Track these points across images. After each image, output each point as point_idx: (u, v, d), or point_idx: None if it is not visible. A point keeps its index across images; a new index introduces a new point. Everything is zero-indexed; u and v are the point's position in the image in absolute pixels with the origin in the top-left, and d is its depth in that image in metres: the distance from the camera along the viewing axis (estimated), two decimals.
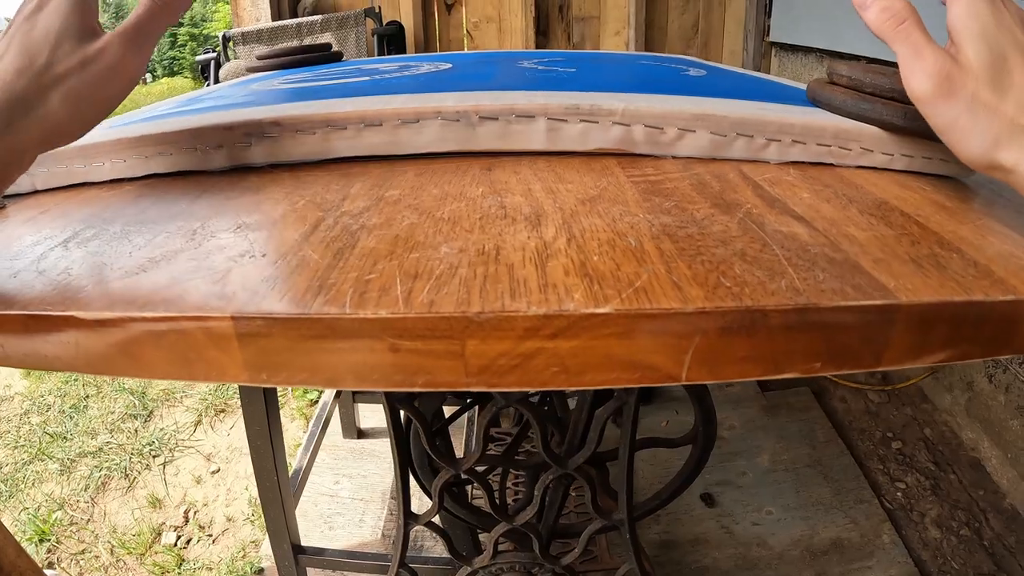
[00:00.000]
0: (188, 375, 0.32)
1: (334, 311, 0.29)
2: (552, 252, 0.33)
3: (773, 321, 0.30)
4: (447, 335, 0.28)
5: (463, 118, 0.51)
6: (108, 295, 0.34)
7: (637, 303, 0.29)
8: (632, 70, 0.87)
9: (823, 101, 0.58)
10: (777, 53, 2.77)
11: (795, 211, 0.41)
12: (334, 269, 0.33)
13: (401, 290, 0.30)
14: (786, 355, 0.31)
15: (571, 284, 0.30)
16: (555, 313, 0.28)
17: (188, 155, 0.56)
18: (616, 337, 0.28)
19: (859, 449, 1.83)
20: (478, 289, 0.30)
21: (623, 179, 0.46)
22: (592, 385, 0.29)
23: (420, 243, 0.35)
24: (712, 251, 0.34)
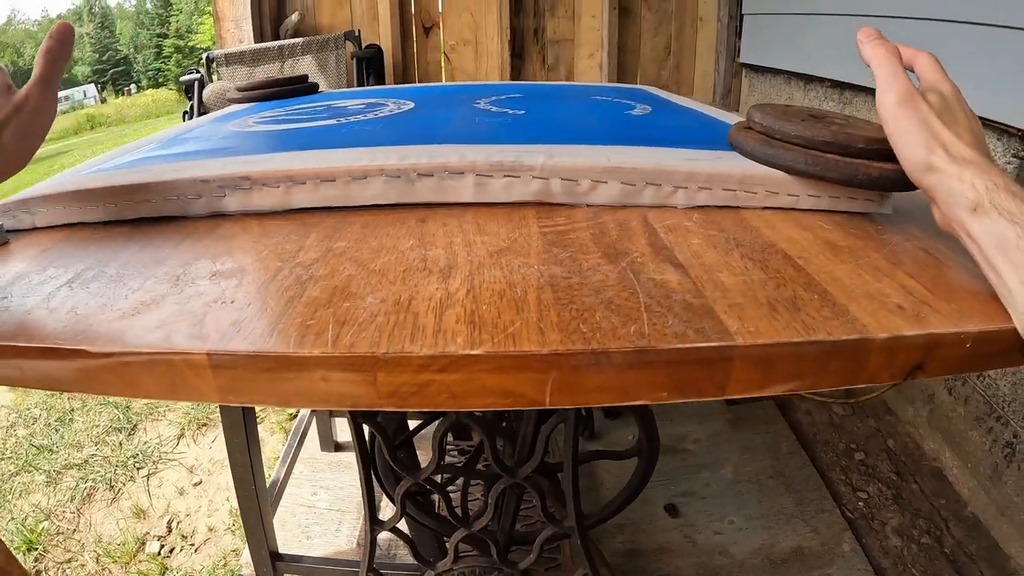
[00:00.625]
0: (173, 396, 0.41)
1: (282, 350, 0.38)
2: (452, 302, 0.42)
3: (616, 360, 0.37)
4: (361, 369, 0.37)
5: (403, 175, 0.59)
6: (109, 332, 0.42)
7: (504, 346, 0.37)
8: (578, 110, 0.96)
9: (737, 146, 0.65)
10: (747, 74, 2.84)
11: (677, 259, 0.48)
12: (284, 315, 0.42)
13: (331, 334, 0.38)
14: (633, 386, 0.38)
15: (457, 330, 0.38)
16: (440, 354, 0.36)
17: (171, 203, 0.64)
18: (489, 372, 0.37)
19: (822, 460, 1.87)
20: (388, 334, 0.38)
21: (535, 230, 0.54)
22: (476, 408, 0.37)
23: (353, 293, 0.44)
24: (583, 299, 0.42)
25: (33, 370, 0.43)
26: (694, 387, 0.38)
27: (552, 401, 0.37)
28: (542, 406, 0.37)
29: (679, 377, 0.38)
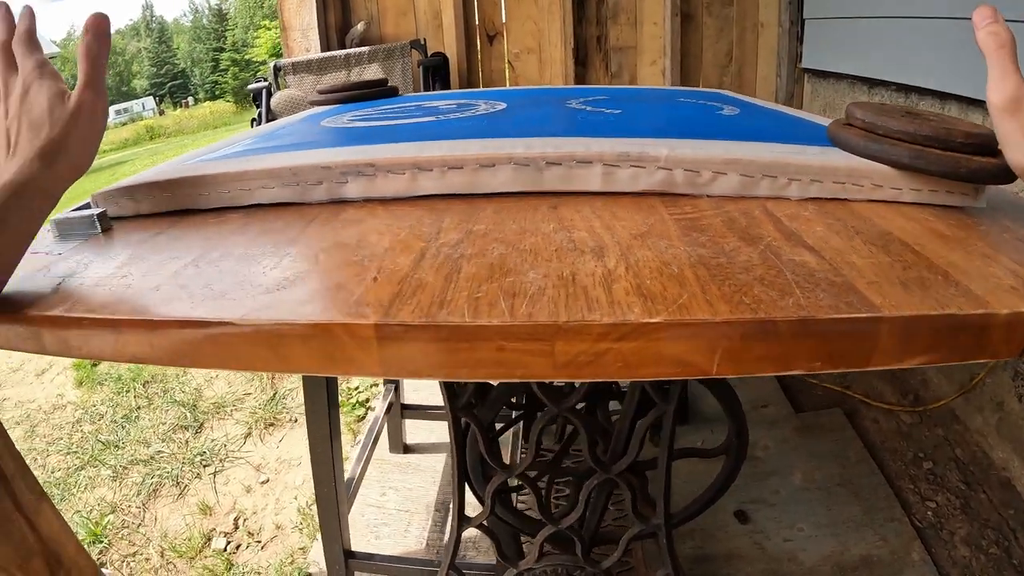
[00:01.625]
0: (329, 369, 0.41)
1: (456, 320, 0.38)
2: (615, 278, 0.42)
3: (781, 329, 0.38)
4: (541, 338, 0.37)
5: (532, 163, 0.60)
6: (255, 305, 0.43)
7: (679, 315, 0.38)
8: (671, 111, 0.96)
9: (840, 141, 0.66)
10: (810, 79, 2.81)
11: (808, 243, 0.50)
12: (448, 289, 0.42)
13: (505, 305, 0.39)
14: (793, 356, 0.39)
15: (631, 302, 0.39)
16: (620, 322, 0.37)
17: (289, 189, 0.65)
18: (665, 341, 0.37)
19: (890, 469, 1.84)
20: (563, 304, 0.39)
21: (666, 216, 0.55)
22: (646, 377, 0.37)
23: (511, 270, 0.44)
24: (737, 277, 0.43)
25: (166, 345, 0.44)
26: (844, 358, 0.39)
27: (718, 370, 0.38)
28: (709, 375, 0.38)
29: (832, 347, 0.39)
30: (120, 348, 0.45)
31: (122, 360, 0.46)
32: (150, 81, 41.81)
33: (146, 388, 2.76)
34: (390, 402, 1.81)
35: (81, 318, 0.46)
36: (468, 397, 0.82)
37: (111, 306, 0.46)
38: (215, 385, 2.67)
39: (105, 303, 0.47)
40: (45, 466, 2.29)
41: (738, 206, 0.59)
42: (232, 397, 2.55)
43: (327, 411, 1.15)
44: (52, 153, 0.54)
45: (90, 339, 0.46)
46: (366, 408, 2.31)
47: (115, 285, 0.50)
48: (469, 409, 0.83)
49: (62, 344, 0.47)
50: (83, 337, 0.46)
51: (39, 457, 2.36)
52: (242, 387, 2.61)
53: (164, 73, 41.95)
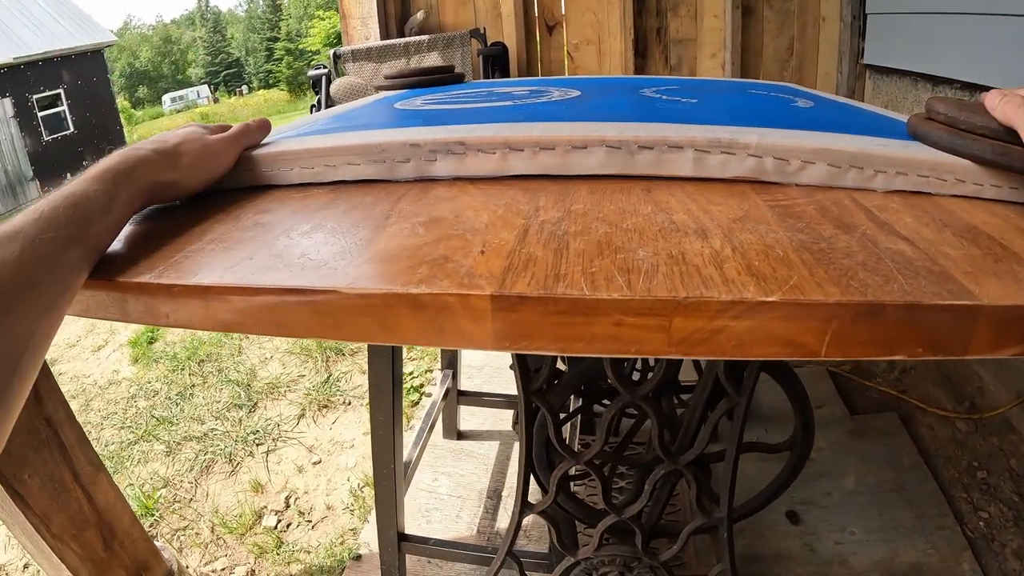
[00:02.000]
0: (438, 341, 0.41)
1: (575, 293, 0.38)
2: (723, 258, 0.43)
3: (889, 313, 0.38)
4: (660, 313, 0.38)
5: (624, 146, 0.60)
6: (358, 274, 0.43)
7: (793, 295, 0.38)
8: (747, 101, 0.95)
9: (922, 135, 0.66)
10: (871, 75, 2.76)
11: (901, 233, 0.49)
12: (560, 264, 0.42)
13: (622, 280, 0.39)
14: (897, 341, 0.39)
15: (744, 280, 0.39)
16: (738, 299, 0.37)
17: (376, 166, 0.66)
18: (779, 320, 0.38)
19: (944, 476, 1.81)
20: (679, 281, 0.39)
21: (760, 203, 0.55)
22: (757, 356, 0.38)
23: (620, 248, 0.44)
24: (840, 261, 0.43)
25: (263, 313, 0.44)
26: (943, 345, 0.40)
27: (827, 352, 0.38)
28: (817, 356, 0.38)
29: (935, 334, 0.39)
30: (211, 316, 0.46)
31: (212, 329, 0.46)
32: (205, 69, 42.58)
33: (201, 367, 2.81)
34: (447, 388, 1.83)
35: (171, 285, 0.46)
36: (542, 382, 0.83)
37: (203, 273, 0.47)
38: (270, 366, 2.71)
39: (195, 270, 0.47)
40: (99, 439, 2.35)
41: (827, 195, 0.58)
42: (287, 378, 2.59)
43: (391, 393, 1.16)
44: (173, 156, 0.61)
45: (179, 307, 0.46)
46: (420, 393, 2.34)
47: (204, 254, 0.50)
48: (541, 394, 0.83)
49: (148, 312, 0.48)
50: (172, 305, 0.46)
51: (93, 431, 2.42)
52: (296, 369, 2.65)
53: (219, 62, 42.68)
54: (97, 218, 0.49)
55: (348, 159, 0.66)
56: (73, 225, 0.47)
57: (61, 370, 3.03)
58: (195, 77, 42.33)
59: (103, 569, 1.22)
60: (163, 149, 0.60)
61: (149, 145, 0.60)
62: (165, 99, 36.82)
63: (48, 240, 0.44)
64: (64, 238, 0.45)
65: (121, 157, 0.56)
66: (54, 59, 17.42)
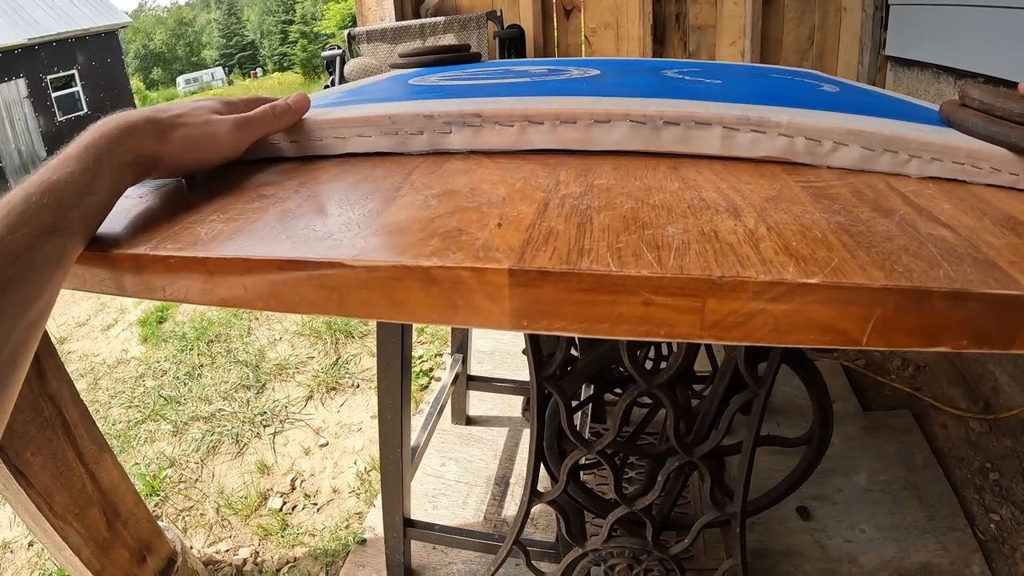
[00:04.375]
0: (450, 319, 0.39)
1: (601, 269, 0.36)
2: (758, 237, 0.40)
3: (936, 301, 0.36)
4: (693, 293, 0.35)
5: (649, 121, 0.57)
6: (366, 246, 0.41)
7: (835, 278, 0.35)
8: (773, 85, 0.92)
9: (956, 122, 0.63)
10: (892, 67, 2.72)
11: (940, 219, 0.47)
12: (583, 238, 0.40)
13: (651, 256, 0.36)
14: (942, 331, 0.36)
15: (782, 261, 0.36)
16: (777, 280, 0.34)
17: (387, 138, 0.63)
18: (819, 304, 0.35)
19: (956, 476, 1.79)
20: (713, 259, 0.37)
21: (792, 183, 0.52)
22: (795, 343, 0.35)
23: (647, 223, 0.42)
24: (882, 245, 0.40)
25: (263, 288, 0.42)
26: (990, 337, 0.37)
27: (868, 341, 0.36)
28: (858, 345, 0.36)
29: (981, 325, 0.37)
30: (209, 290, 0.43)
31: (210, 303, 0.44)
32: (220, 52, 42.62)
33: (210, 347, 2.80)
34: (457, 372, 1.81)
35: (168, 256, 0.43)
36: (555, 368, 0.80)
37: (201, 245, 0.44)
38: (278, 347, 2.70)
39: (193, 242, 0.45)
40: (107, 418, 2.35)
41: (860, 179, 0.56)
42: (295, 360, 2.57)
43: (400, 376, 1.15)
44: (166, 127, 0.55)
45: (176, 280, 0.44)
46: (429, 377, 2.32)
47: (203, 226, 0.48)
48: (555, 380, 0.81)
49: (144, 286, 0.45)
50: (169, 278, 0.44)
51: (101, 409, 2.42)
52: (305, 350, 2.64)
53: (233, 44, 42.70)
54: (77, 201, 0.45)
55: (359, 131, 0.64)
56: (49, 213, 0.43)
57: (71, 348, 3.02)
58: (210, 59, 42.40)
59: (105, 549, 1.21)
60: (156, 118, 0.55)
61: (144, 112, 0.55)
62: (179, 81, 36.90)
63: (20, 237, 0.40)
64: (38, 230, 0.42)
65: (103, 129, 0.51)
66: (69, 40, 17.50)
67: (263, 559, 1.66)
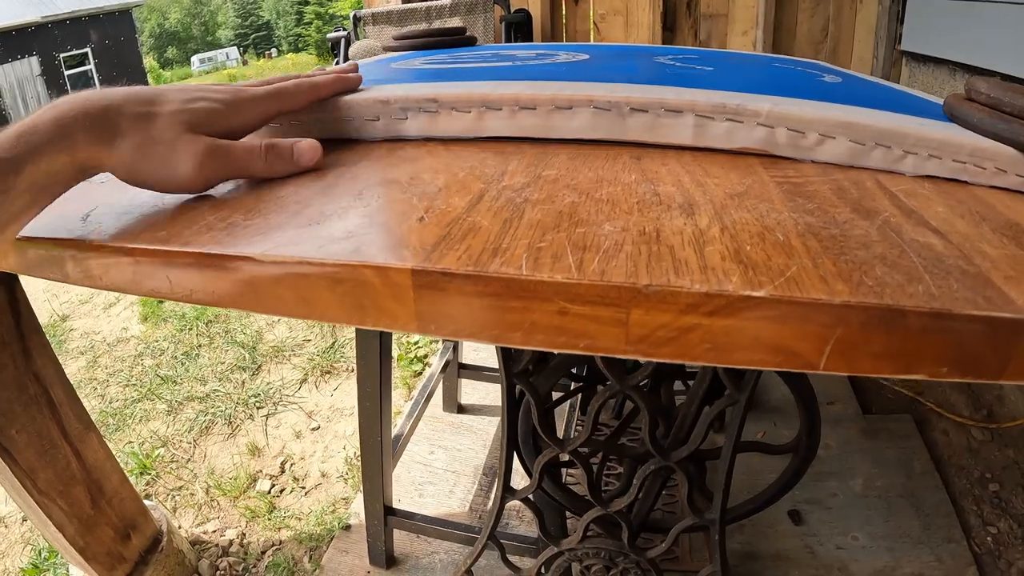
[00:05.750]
0: (359, 320, 0.35)
1: (511, 272, 0.32)
2: (708, 239, 0.35)
3: (910, 321, 0.31)
4: (614, 303, 0.31)
5: (614, 108, 0.53)
6: (280, 241, 0.38)
7: (788, 291, 0.30)
8: (770, 73, 0.88)
9: (960, 117, 0.58)
10: (908, 63, 2.65)
11: (931, 223, 0.42)
12: (505, 236, 0.36)
13: (573, 259, 0.32)
14: (917, 356, 0.32)
15: (728, 268, 0.32)
16: (715, 292, 0.30)
17: (344, 124, 0.59)
18: (767, 321, 0.31)
19: (955, 486, 1.74)
20: (644, 264, 0.32)
21: (766, 178, 0.47)
22: (738, 364, 0.31)
23: (583, 220, 0.38)
24: (854, 252, 0.36)
25: (183, 280, 0.39)
26: (975, 365, 0.32)
27: (827, 365, 0.31)
28: (815, 369, 0.31)
29: (965, 350, 0.32)
30: (138, 281, 0.41)
31: (140, 294, 0.42)
32: (235, 32, 42.60)
33: (208, 327, 2.79)
34: (447, 360, 1.78)
35: (101, 244, 0.41)
36: (526, 363, 0.76)
37: (132, 234, 0.42)
38: (276, 329, 2.69)
39: (128, 230, 0.43)
40: (104, 396, 2.34)
41: (847, 175, 0.51)
42: (292, 342, 2.56)
43: (378, 365, 1.12)
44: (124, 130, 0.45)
45: (109, 268, 0.42)
46: (424, 364, 2.30)
47: (145, 213, 0.45)
48: (525, 376, 0.77)
49: (84, 273, 0.43)
50: (103, 266, 0.42)
51: (99, 387, 2.41)
52: (303, 333, 2.62)
53: (248, 24, 42.66)
54: None
55: (316, 116, 0.60)
56: None
57: (73, 326, 3.02)
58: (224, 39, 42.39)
59: (89, 526, 1.20)
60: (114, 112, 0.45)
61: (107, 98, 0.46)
62: (194, 60, 36.92)
63: None
64: None
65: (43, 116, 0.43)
66: (82, 18, 17.55)
67: (249, 541, 1.65)
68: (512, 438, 0.86)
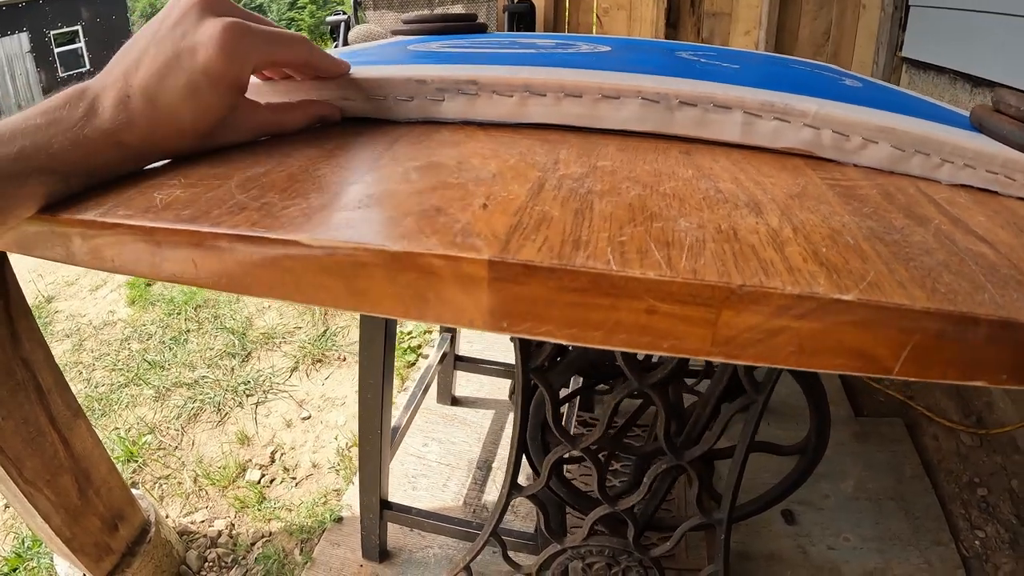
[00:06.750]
0: (417, 315, 0.33)
1: (599, 267, 0.30)
2: (783, 239, 0.35)
3: (982, 330, 0.31)
4: (706, 303, 0.30)
5: (663, 100, 0.52)
6: (329, 225, 0.35)
7: (873, 295, 0.30)
8: (794, 74, 0.87)
9: (989, 128, 0.58)
10: (908, 69, 2.67)
11: (976, 232, 0.42)
12: (581, 228, 0.34)
13: (660, 255, 0.31)
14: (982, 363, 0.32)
15: (812, 271, 0.31)
16: (807, 295, 0.29)
17: (375, 103, 0.57)
18: (851, 325, 0.30)
19: (944, 490, 1.76)
20: (732, 263, 0.31)
21: (817, 180, 0.47)
22: (820, 368, 0.30)
23: (656, 214, 0.36)
24: (920, 259, 0.35)
25: (213, 265, 0.37)
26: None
27: (901, 370, 0.31)
28: (889, 374, 0.31)
29: (1022, 358, 0.31)
30: (157, 264, 0.38)
31: (160, 279, 0.39)
32: None
33: (197, 312, 2.76)
34: (444, 352, 1.77)
35: (117, 223, 0.38)
36: (544, 359, 0.76)
37: (152, 212, 0.39)
38: (267, 315, 2.66)
39: (145, 209, 0.39)
40: (90, 380, 2.30)
41: (889, 180, 0.51)
42: (283, 329, 2.53)
43: (383, 357, 1.10)
44: None
45: (124, 250, 0.39)
46: (417, 355, 2.28)
47: (161, 191, 0.42)
48: (542, 372, 0.76)
49: (94, 254, 0.40)
50: (117, 247, 0.39)
51: (84, 371, 2.37)
52: (293, 320, 2.59)
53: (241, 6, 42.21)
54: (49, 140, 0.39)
55: (343, 93, 0.58)
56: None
57: (58, 308, 2.97)
58: None
59: (76, 516, 1.18)
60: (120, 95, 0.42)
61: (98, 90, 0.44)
62: None
63: None
64: None
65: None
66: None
67: (238, 532, 1.63)
68: (523, 434, 0.86)
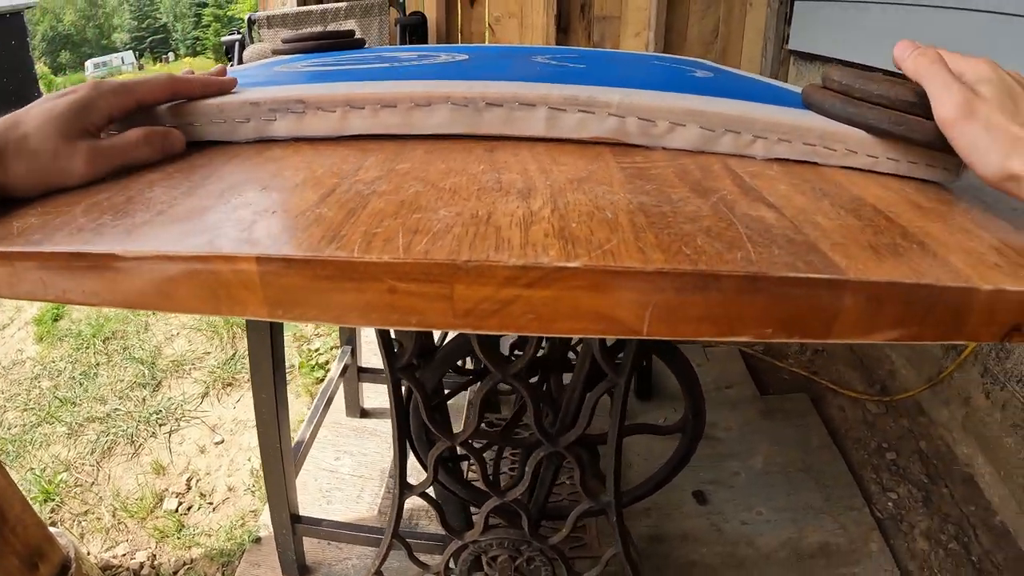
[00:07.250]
0: (215, 310, 0.36)
1: (343, 255, 0.33)
2: (536, 219, 0.38)
3: (725, 285, 0.33)
4: (438, 279, 0.33)
5: (471, 103, 0.55)
6: (142, 237, 0.38)
7: (603, 261, 0.33)
8: (640, 69, 0.91)
9: (814, 104, 0.62)
10: (795, 61, 2.77)
11: (768, 199, 0.45)
12: (345, 224, 0.37)
13: (402, 242, 0.34)
14: (739, 319, 0.34)
15: (548, 244, 0.34)
16: (531, 265, 0.32)
17: (216, 126, 0.60)
18: (584, 290, 0.33)
19: (853, 457, 1.83)
20: (468, 243, 0.34)
21: (613, 164, 0.50)
22: (562, 333, 0.33)
23: (422, 207, 0.39)
24: (680, 226, 0.38)
25: (57, 282, 0.39)
26: (800, 325, 0.35)
27: (650, 330, 0.33)
28: (638, 335, 0.33)
29: (787, 312, 0.34)
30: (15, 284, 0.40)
31: (15, 297, 0.41)
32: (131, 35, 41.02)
33: (106, 344, 2.70)
34: (345, 364, 1.78)
35: None
36: (408, 358, 0.78)
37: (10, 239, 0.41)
38: (175, 343, 2.62)
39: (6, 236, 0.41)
40: (2, 422, 2.24)
41: (696, 160, 0.54)
42: (192, 355, 2.50)
43: (272, 371, 1.11)
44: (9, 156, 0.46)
45: None
46: (325, 371, 2.28)
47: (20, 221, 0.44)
48: (410, 371, 0.78)
49: None
50: None
51: None
52: (202, 346, 2.56)
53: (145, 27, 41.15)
54: None
55: (188, 119, 0.60)
56: None
57: None
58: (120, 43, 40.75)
59: None
60: None
61: None
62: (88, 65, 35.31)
63: None
64: None
65: None
66: None
67: (160, 562, 1.61)
68: (404, 434, 0.87)
